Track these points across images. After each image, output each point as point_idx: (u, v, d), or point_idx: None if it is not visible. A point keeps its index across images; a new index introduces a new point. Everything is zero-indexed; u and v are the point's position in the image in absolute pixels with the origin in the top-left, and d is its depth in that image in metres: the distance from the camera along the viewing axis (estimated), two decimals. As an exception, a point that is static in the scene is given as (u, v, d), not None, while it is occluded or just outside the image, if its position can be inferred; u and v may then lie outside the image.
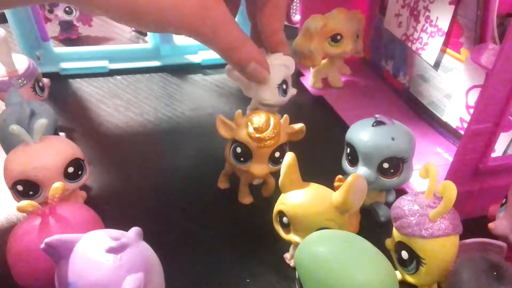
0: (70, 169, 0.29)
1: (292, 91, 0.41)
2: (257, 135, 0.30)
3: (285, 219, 0.27)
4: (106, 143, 0.41)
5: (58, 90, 0.48)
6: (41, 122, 0.28)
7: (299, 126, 0.32)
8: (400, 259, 0.26)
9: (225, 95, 0.49)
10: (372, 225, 0.33)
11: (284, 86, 0.39)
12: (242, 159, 0.31)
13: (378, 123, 0.30)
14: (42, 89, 0.40)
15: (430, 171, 0.25)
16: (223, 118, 0.31)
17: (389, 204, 0.33)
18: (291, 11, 0.57)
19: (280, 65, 0.38)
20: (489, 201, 0.29)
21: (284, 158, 0.27)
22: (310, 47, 0.45)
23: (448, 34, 0.38)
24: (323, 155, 0.39)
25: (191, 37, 0.29)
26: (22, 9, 0.47)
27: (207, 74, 0.53)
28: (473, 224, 0.27)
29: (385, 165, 0.30)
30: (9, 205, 0.33)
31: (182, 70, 0.53)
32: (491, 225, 0.27)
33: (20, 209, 0.23)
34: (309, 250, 0.22)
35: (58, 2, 0.29)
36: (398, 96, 0.48)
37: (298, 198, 0.26)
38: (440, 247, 0.24)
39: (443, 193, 0.24)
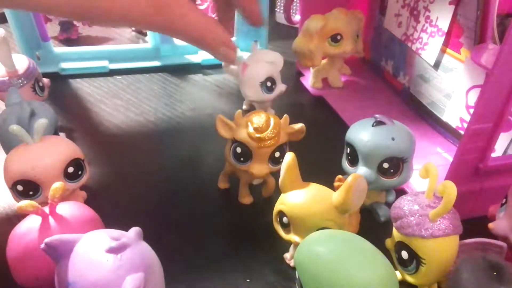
0: (70, 169, 0.29)
1: (281, 88, 0.41)
2: (257, 135, 0.30)
3: (285, 219, 0.27)
4: (106, 143, 0.41)
5: (58, 90, 0.48)
6: (41, 122, 0.28)
7: (299, 126, 0.32)
8: (400, 259, 0.26)
9: (225, 95, 0.49)
10: (372, 225, 0.33)
11: (269, 83, 0.39)
12: (242, 159, 0.31)
13: (378, 123, 0.30)
14: (42, 89, 0.40)
15: (430, 171, 0.25)
16: (223, 118, 0.31)
17: (389, 204, 0.33)
18: (291, 11, 0.57)
19: (265, 62, 0.39)
20: (489, 201, 0.29)
21: (284, 158, 0.27)
22: (310, 47, 0.45)
23: (448, 34, 0.38)
24: (323, 155, 0.39)
25: (161, 33, 0.29)
26: (22, 9, 0.47)
27: (207, 74, 0.53)
28: (473, 224, 0.27)
29: (385, 165, 0.30)
30: (9, 205, 0.33)
31: (182, 70, 0.53)
32: (491, 225, 0.27)
33: (20, 209, 0.23)
34: (309, 250, 0.22)
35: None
36: (398, 96, 0.48)
37: (298, 198, 0.26)
38: (440, 247, 0.24)
39: (443, 193, 0.24)
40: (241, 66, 0.40)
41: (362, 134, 0.30)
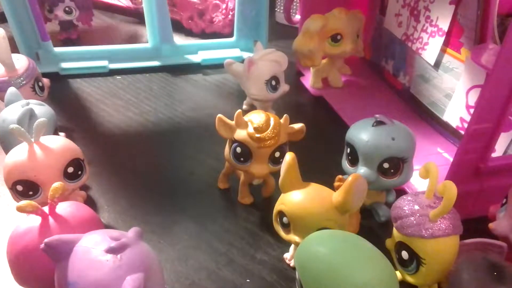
0: (70, 169, 0.29)
1: (284, 88, 0.41)
2: (257, 135, 0.30)
3: (285, 219, 0.27)
4: (106, 143, 0.41)
5: (58, 90, 0.48)
6: (41, 122, 0.28)
7: (299, 126, 0.32)
8: (400, 259, 0.26)
9: (225, 95, 0.49)
10: (372, 225, 0.33)
11: (273, 82, 0.39)
12: (242, 159, 0.31)
13: (378, 123, 0.30)
14: (42, 89, 0.40)
15: (431, 171, 0.25)
16: (223, 118, 0.31)
17: (389, 204, 0.33)
18: (291, 11, 0.57)
19: (270, 61, 0.38)
20: (489, 201, 0.29)
21: (284, 158, 0.27)
22: (310, 47, 0.45)
23: (449, 34, 0.38)
24: (323, 155, 0.39)
25: None
26: (22, 9, 0.47)
27: (207, 74, 0.53)
28: (473, 224, 0.27)
29: (385, 165, 0.30)
30: (9, 205, 0.33)
31: (182, 70, 0.53)
32: (491, 225, 0.27)
33: (20, 209, 0.23)
34: (309, 250, 0.22)
35: None
36: (398, 96, 0.48)
37: (298, 198, 0.26)
38: (441, 247, 0.24)
39: (443, 193, 0.24)
40: (247, 63, 0.40)
41: (362, 134, 0.30)
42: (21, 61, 0.38)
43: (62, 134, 0.38)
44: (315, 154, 0.39)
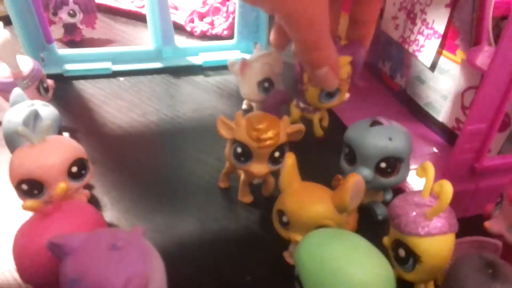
0: (74, 169, 0.29)
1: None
2: (257, 136, 0.30)
3: (284, 218, 0.27)
4: (109, 143, 0.42)
5: (62, 91, 0.48)
6: (46, 123, 0.29)
7: (298, 126, 0.32)
8: (397, 257, 0.26)
9: (226, 96, 0.50)
10: (370, 223, 0.33)
11: (266, 85, 0.39)
12: (242, 159, 0.32)
13: (376, 123, 0.31)
14: (46, 90, 0.40)
15: (427, 170, 0.25)
16: (223, 118, 0.31)
17: (386, 203, 0.33)
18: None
19: (264, 63, 0.39)
20: (484, 200, 0.30)
21: (284, 158, 0.27)
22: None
23: (444, 37, 0.38)
24: (322, 155, 0.39)
25: (283, 20, 0.27)
26: (27, 11, 0.48)
27: (208, 75, 0.54)
28: (469, 223, 0.28)
29: (383, 165, 0.30)
30: (14, 204, 0.34)
31: (184, 72, 0.54)
32: (486, 223, 0.27)
33: (25, 208, 0.23)
34: (308, 248, 0.23)
35: None
36: (395, 97, 0.48)
37: (297, 198, 0.27)
38: (437, 245, 0.25)
39: (439, 192, 0.24)
40: (241, 64, 0.40)
41: (360, 134, 0.31)
42: (26, 63, 0.39)
43: (66, 134, 0.39)
44: (314, 154, 0.39)
